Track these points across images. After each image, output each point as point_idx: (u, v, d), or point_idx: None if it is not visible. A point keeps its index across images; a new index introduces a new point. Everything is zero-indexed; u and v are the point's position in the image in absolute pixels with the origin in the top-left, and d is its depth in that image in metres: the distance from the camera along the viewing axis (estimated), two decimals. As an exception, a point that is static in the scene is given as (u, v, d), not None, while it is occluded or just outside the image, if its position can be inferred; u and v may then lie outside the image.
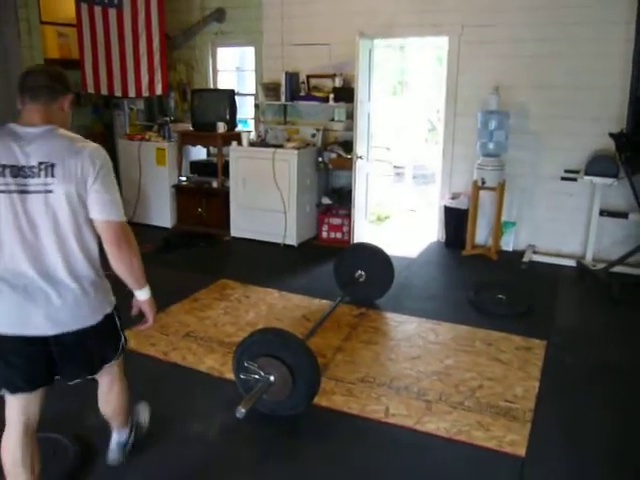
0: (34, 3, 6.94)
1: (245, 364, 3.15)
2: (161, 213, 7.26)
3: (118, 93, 7.19)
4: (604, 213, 5.59)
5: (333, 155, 6.62)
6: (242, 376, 3.20)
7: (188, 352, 4.02)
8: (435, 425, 3.20)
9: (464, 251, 6.24)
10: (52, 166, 2.07)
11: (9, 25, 6.66)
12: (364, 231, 6.69)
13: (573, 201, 5.93)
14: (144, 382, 3.65)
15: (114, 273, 2.26)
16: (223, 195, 6.80)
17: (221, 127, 6.69)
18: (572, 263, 5.82)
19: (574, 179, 5.64)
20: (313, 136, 6.75)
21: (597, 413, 3.35)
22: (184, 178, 7.17)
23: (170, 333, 4.31)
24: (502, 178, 5.95)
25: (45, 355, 2.23)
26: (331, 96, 6.52)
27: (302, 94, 6.81)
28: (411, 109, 10.78)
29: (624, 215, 5.54)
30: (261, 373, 3.11)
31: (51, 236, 2.12)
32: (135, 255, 2.24)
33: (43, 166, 2.06)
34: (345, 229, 6.58)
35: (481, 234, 6.40)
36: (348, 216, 6.46)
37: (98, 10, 6.98)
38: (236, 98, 6.99)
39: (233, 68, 8.11)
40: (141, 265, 2.28)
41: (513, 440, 3.06)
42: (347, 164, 6.35)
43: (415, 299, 5.07)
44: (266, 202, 6.43)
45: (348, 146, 6.43)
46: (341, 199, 6.67)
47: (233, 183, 6.66)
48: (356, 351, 4.08)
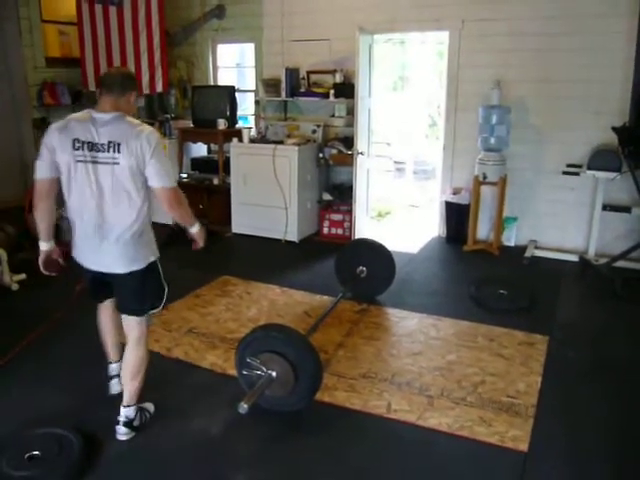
0: (35, 2, 6.93)
1: (247, 360, 3.15)
2: (162, 210, 7.18)
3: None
4: (607, 207, 5.57)
5: (334, 151, 6.61)
6: (244, 372, 3.20)
7: (190, 348, 4.03)
8: (437, 420, 3.20)
9: (465, 246, 6.23)
10: (118, 145, 2.68)
11: (10, 24, 6.66)
12: (365, 227, 6.69)
13: (575, 196, 5.92)
14: (147, 378, 3.66)
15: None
16: (224, 192, 6.79)
17: (222, 124, 6.69)
18: (574, 258, 5.80)
19: (576, 173, 5.63)
20: (314, 132, 6.74)
21: (599, 408, 3.35)
22: (185, 175, 7.16)
23: (172, 329, 4.31)
24: (503, 173, 5.94)
25: (102, 282, 2.98)
26: (331, 92, 6.51)
27: (302, 90, 6.80)
28: (412, 104, 10.77)
29: (627, 209, 5.52)
30: (263, 369, 3.11)
31: (111, 196, 2.75)
32: (184, 209, 2.99)
33: (112, 144, 2.68)
34: (346, 225, 6.58)
35: (482, 229, 6.39)
36: (349, 212, 6.46)
37: (99, 8, 6.98)
38: (236, 94, 6.98)
39: (233, 64, 8.10)
40: (189, 212, 3.03)
41: (515, 435, 3.05)
42: (348, 160, 6.35)
43: (416, 295, 5.07)
44: (267, 198, 6.43)
45: (349, 142, 6.43)
46: (342, 195, 6.67)
47: (234, 180, 6.65)
48: (358, 347, 4.08)
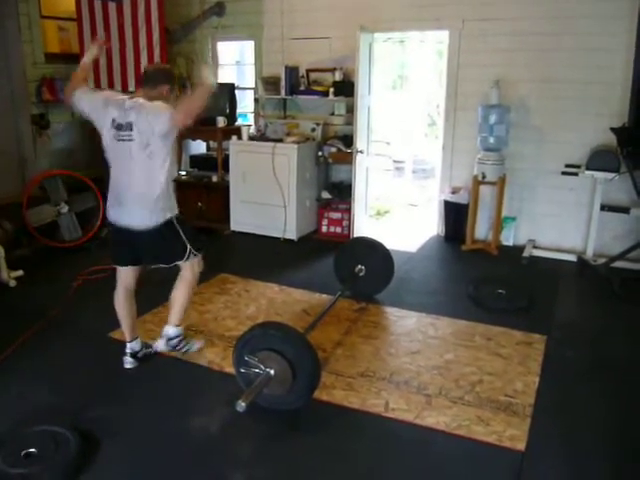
0: (35, -2, 6.91)
1: (245, 358, 3.15)
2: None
3: (118, 87, 7.16)
4: (605, 208, 5.57)
5: (333, 149, 6.61)
6: (242, 370, 3.20)
7: (188, 346, 4.02)
8: (435, 419, 3.20)
9: (464, 246, 6.23)
10: (132, 124, 3.26)
11: (10, 20, 6.63)
12: (364, 225, 6.69)
13: (574, 196, 5.92)
14: (144, 375, 3.66)
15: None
16: (223, 189, 6.78)
17: (221, 121, 6.68)
18: (573, 258, 5.81)
19: (575, 174, 5.63)
20: (313, 130, 6.74)
21: (597, 408, 3.35)
22: (184, 172, 7.15)
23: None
24: (502, 172, 5.94)
25: (130, 242, 3.48)
26: (331, 90, 6.50)
27: (302, 88, 6.79)
28: (411, 103, 10.76)
29: (625, 210, 5.52)
30: (261, 367, 3.11)
31: (137, 166, 3.33)
32: (193, 106, 3.24)
33: (129, 125, 3.26)
34: (345, 223, 6.58)
35: (481, 229, 6.39)
36: (348, 210, 6.46)
37: (98, 4, 6.95)
38: (236, 92, 6.97)
39: (233, 62, 8.09)
40: (196, 99, 3.25)
41: (513, 435, 3.06)
42: (347, 158, 6.35)
43: (415, 294, 5.07)
44: (266, 196, 6.42)
45: (348, 140, 6.42)
46: (341, 193, 6.67)
47: (233, 177, 6.65)
48: (356, 345, 4.08)
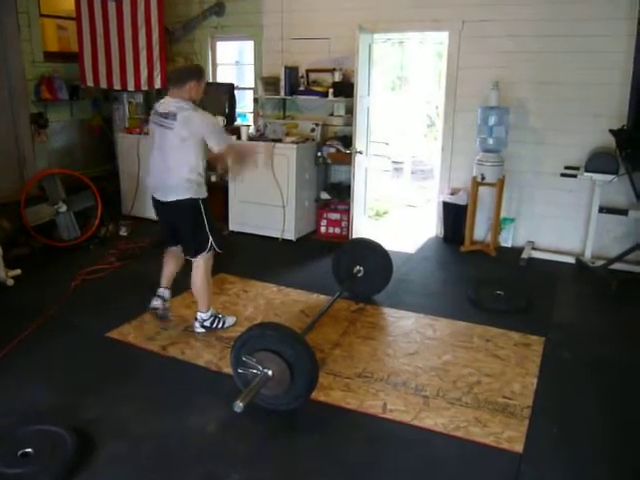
0: (34, -4, 6.90)
1: (243, 358, 3.15)
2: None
3: (117, 86, 7.15)
4: (604, 210, 5.57)
5: (332, 150, 6.60)
6: (240, 370, 3.20)
7: (186, 346, 4.02)
8: (433, 421, 3.20)
9: (463, 247, 6.23)
10: (175, 115, 3.75)
11: (9, 18, 6.62)
12: (363, 226, 6.68)
13: (573, 198, 5.92)
14: (142, 375, 3.66)
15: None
16: (221, 189, 6.77)
17: (220, 121, 6.67)
18: (571, 260, 5.82)
19: (574, 175, 5.62)
20: (312, 131, 6.73)
21: (595, 410, 3.35)
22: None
23: (169, 327, 4.30)
24: (502, 174, 5.94)
25: (167, 219, 4.10)
26: (330, 91, 6.49)
27: (301, 88, 6.79)
28: (410, 104, 10.78)
29: (624, 212, 5.52)
30: (259, 367, 3.11)
31: (171, 150, 3.81)
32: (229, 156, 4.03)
33: (171, 115, 3.76)
34: (344, 224, 6.57)
35: (480, 230, 6.39)
36: (347, 211, 6.45)
37: (97, 3, 6.93)
38: (235, 92, 6.97)
39: (232, 62, 8.09)
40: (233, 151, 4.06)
41: (511, 436, 3.06)
42: (346, 159, 6.34)
43: (413, 295, 5.07)
44: (265, 196, 6.41)
45: (347, 141, 6.42)
46: (340, 194, 6.67)
47: (232, 177, 6.62)
48: (354, 346, 4.08)
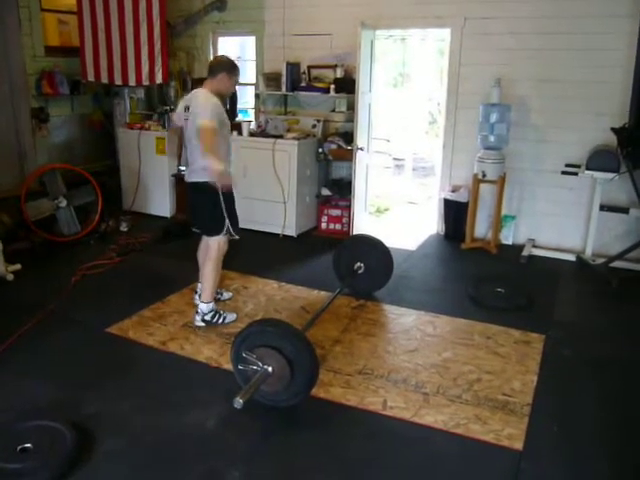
0: (35, -10, 6.89)
1: (243, 355, 3.15)
2: (160, 203, 7.24)
3: (118, 81, 7.15)
4: (604, 208, 5.57)
5: (333, 146, 6.59)
6: (240, 367, 3.20)
7: (186, 342, 4.02)
8: (433, 418, 3.20)
9: (463, 244, 6.23)
10: (189, 107, 4.07)
11: (10, 12, 6.61)
12: (363, 223, 6.68)
13: (574, 195, 5.91)
14: (142, 371, 3.66)
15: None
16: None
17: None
18: (572, 258, 5.82)
19: (575, 173, 5.62)
20: (313, 127, 6.72)
21: (595, 407, 3.36)
22: (183, 168, 7.09)
23: (168, 323, 4.30)
24: (503, 171, 5.93)
25: (189, 199, 4.52)
26: (332, 87, 6.49)
27: (303, 84, 6.77)
28: (412, 101, 10.76)
29: (625, 210, 5.52)
30: (259, 364, 3.10)
31: (190, 137, 4.12)
32: (209, 147, 3.95)
33: (188, 107, 4.09)
34: (345, 220, 6.57)
35: (481, 227, 6.39)
36: (348, 207, 6.45)
37: (99, -3, 6.94)
38: (237, 88, 6.95)
39: (234, 57, 8.05)
40: (214, 152, 3.96)
41: (511, 434, 3.06)
42: (347, 155, 6.34)
43: (414, 291, 5.07)
44: (266, 192, 6.41)
45: (348, 137, 6.42)
46: (341, 190, 6.66)
47: (233, 173, 6.61)
48: (354, 343, 4.08)
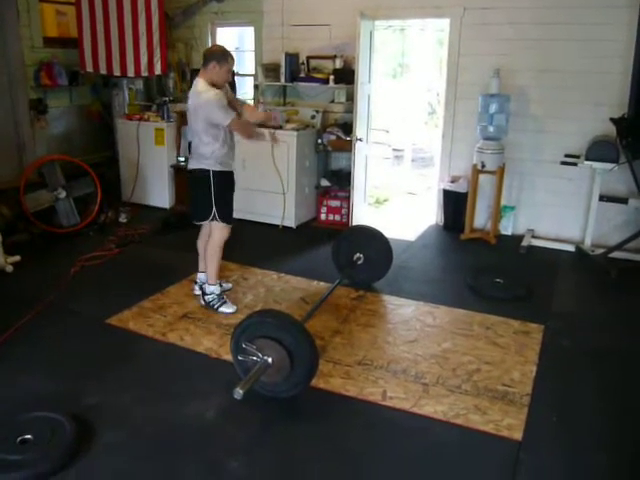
0: (33, -19, 6.85)
1: (243, 345, 3.15)
2: (159, 194, 7.23)
3: (117, 72, 7.12)
4: (604, 198, 5.56)
5: (332, 137, 6.58)
6: (240, 357, 3.21)
7: (186, 333, 4.03)
8: (432, 408, 3.21)
9: (463, 235, 6.23)
10: (189, 97, 4.21)
11: (8, 3, 6.57)
12: (363, 213, 6.67)
13: (573, 186, 5.91)
14: (142, 362, 3.67)
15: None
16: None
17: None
18: (571, 248, 5.82)
19: (574, 164, 5.61)
20: (313, 117, 6.71)
21: (594, 397, 3.37)
22: (183, 158, 7.12)
23: (168, 314, 4.31)
24: (502, 162, 5.93)
25: (188, 185, 4.61)
26: (331, 77, 6.47)
27: (302, 75, 6.75)
28: (411, 92, 10.72)
29: (624, 200, 5.52)
30: (259, 355, 3.11)
31: (190, 126, 4.26)
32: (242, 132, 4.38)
33: (189, 96, 4.22)
34: (344, 211, 6.57)
35: (480, 218, 6.38)
36: (347, 198, 6.44)
37: (97, -12, 6.90)
38: (235, 79, 6.93)
39: (232, 48, 8.03)
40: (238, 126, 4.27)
41: (510, 424, 3.07)
42: (346, 146, 6.33)
43: (413, 282, 5.08)
44: (265, 183, 6.40)
45: (348, 128, 6.40)
46: (340, 181, 6.65)
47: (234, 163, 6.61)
48: (354, 334, 4.09)
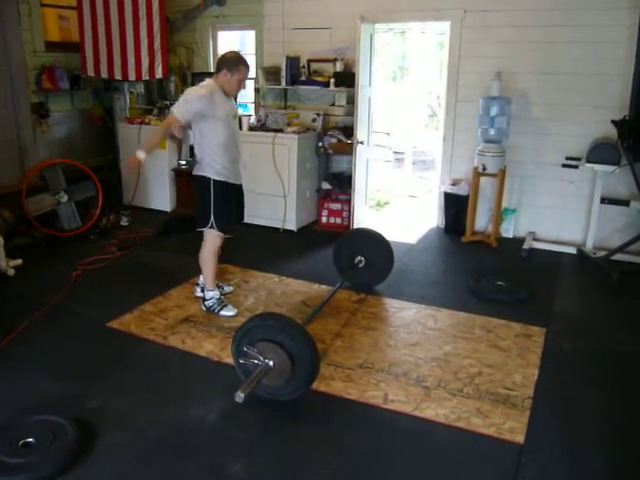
0: (35, -15, 6.86)
1: (244, 349, 3.15)
2: (161, 197, 7.24)
3: (118, 76, 7.13)
4: (605, 201, 5.56)
5: (333, 140, 6.58)
6: (241, 361, 3.20)
7: (187, 336, 4.03)
8: (434, 411, 3.21)
9: (464, 237, 6.23)
10: None
11: (10, 7, 6.59)
12: (364, 216, 6.68)
13: (574, 188, 5.91)
14: (143, 365, 3.67)
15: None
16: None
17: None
18: (572, 250, 5.81)
19: (575, 166, 5.61)
20: (313, 121, 6.71)
21: (595, 400, 3.36)
22: (184, 162, 7.14)
23: (169, 317, 4.31)
24: (503, 164, 5.93)
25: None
26: (332, 81, 6.47)
27: (303, 78, 6.76)
28: (411, 95, 10.74)
29: (625, 203, 5.51)
30: (260, 358, 3.11)
31: (194, 134, 4.21)
32: (160, 128, 4.30)
33: None
34: (345, 214, 6.57)
35: (481, 221, 6.39)
36: (348, 201, 6.44)
37: (98, -7, 6.92)
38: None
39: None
40: (156, 133, 4.31)
41: (512, 427, 3.06)
42: (347, 149, 6.33)
43: (414, 285, 5.07)
44: (266, 186, 6.40)
45: (348, 131, 6.40)
46: (341, 184, 6.66)
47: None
48: (355, 337, 4.08)
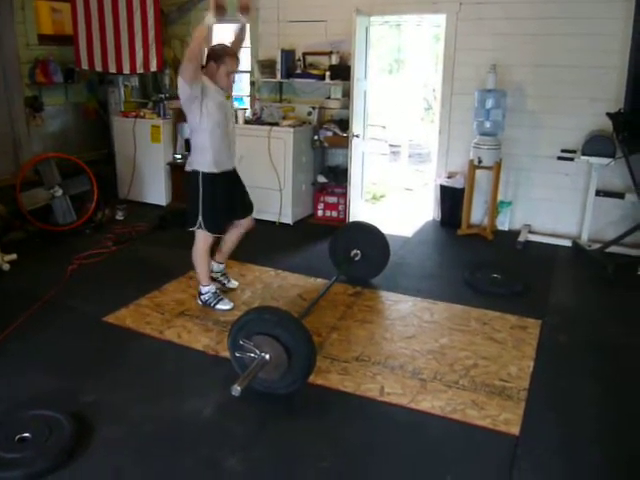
0: (28, -22, 6.82)
1: (241, 342, 3.16)
2: (156, 191, 7.22)
3: (112, 69, 7.10)
4: (600, 193, 5.57)
5: (329, 133, 6.57)
6: (238, 354, 3.21)
7: (183, 330, 4.02)
8: (430, 404, 3.22)
9: (459, 230, 6.23)
10: None
11: (3, 1, 6.56)
12: (360, 210, 6.68)
13: (569, 181, 5.92)
14: (139, 359, 3.67)
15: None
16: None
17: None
18: (568, 243, 5.83)
19: (571, 159, 5.62)
20: (309, 114, 6.70)
21: (591, 392, 3.38)
22: (179, 156, 7.12)
23: (165, 311, 4.30)
24: (498, 157, 5.93)
25: None
26: (327, 74, 6.44)
27: (298, 71, 6.73)
28: (407, 88, 10.72)
29: (620, 195, 5.53)
30: (257, 351, 3.11)
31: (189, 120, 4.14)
32: (192, 47, 3.93)
33: None
34: (341, 208, 6.57)
35: (477, 213, 6.39)
36: (344, 194, 6.44)
37: (92, -16, 6.87)
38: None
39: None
40: (194, 41, 3.98)
41: (507, 419, 3.08)
42: (343, 142, 6.32)
43: (410, 278, 5.08)
44: (261, 180, 6.37)
45: (344, 124, 6.39)
46: (337, 177, 6.65)
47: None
48: (351, 330, 4.09)
